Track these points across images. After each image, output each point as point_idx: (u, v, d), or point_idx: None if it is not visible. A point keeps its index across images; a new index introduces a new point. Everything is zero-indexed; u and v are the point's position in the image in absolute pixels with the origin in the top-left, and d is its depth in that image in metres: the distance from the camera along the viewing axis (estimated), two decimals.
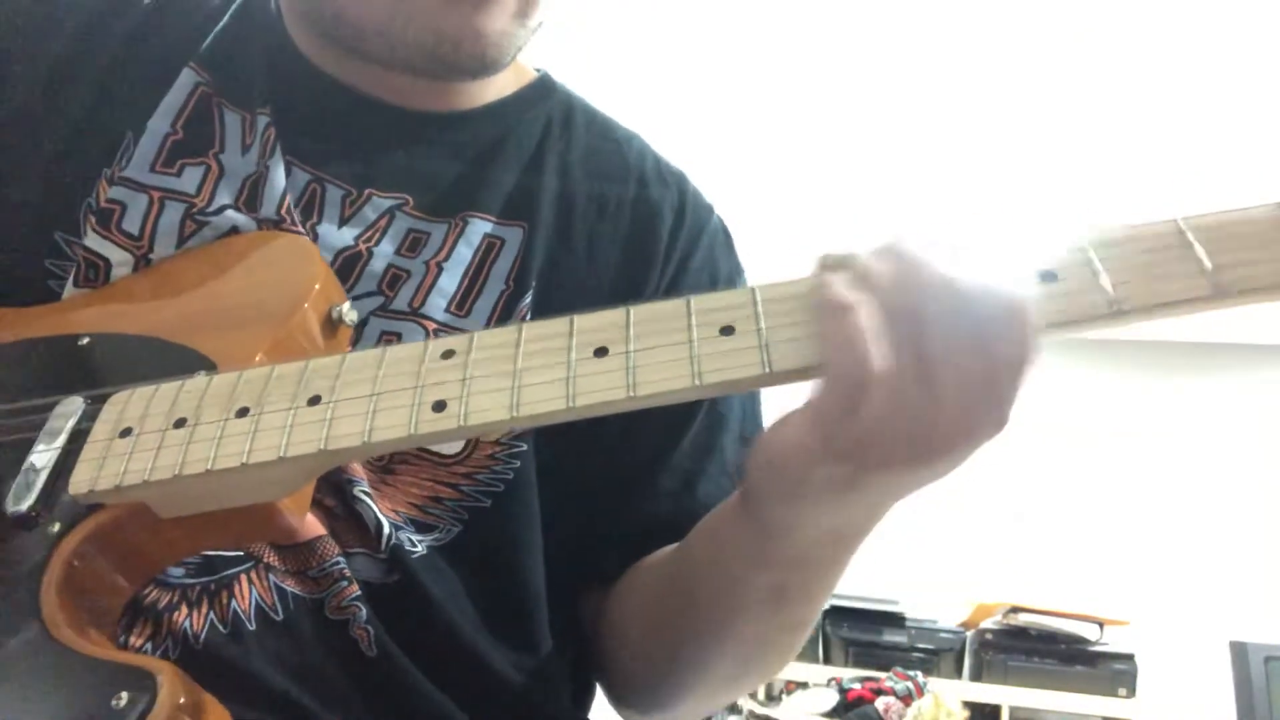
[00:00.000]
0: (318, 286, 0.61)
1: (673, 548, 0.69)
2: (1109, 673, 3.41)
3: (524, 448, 0.69)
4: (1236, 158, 3.10)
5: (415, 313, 0.68)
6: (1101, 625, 3.49)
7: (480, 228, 0.72)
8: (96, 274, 0.66)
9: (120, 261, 0.66)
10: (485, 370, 0.49)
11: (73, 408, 0.56)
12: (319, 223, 0.69)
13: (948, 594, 3.73)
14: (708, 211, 0.83)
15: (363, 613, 0.62)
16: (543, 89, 0.81)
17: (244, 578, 0.61)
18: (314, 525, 0.62)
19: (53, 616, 0.49)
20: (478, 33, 0.68)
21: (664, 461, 0.74)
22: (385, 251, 0.69)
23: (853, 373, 0.43)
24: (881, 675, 3.27)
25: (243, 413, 0.51)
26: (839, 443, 0.45)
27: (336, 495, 0.64)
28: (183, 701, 0.45)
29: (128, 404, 0.54)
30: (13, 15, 0.73)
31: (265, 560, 0.61)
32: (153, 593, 0.58)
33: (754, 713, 3.17)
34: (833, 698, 3.20)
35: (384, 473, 0.67)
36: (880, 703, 3.11)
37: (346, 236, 0.69)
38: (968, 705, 3.25)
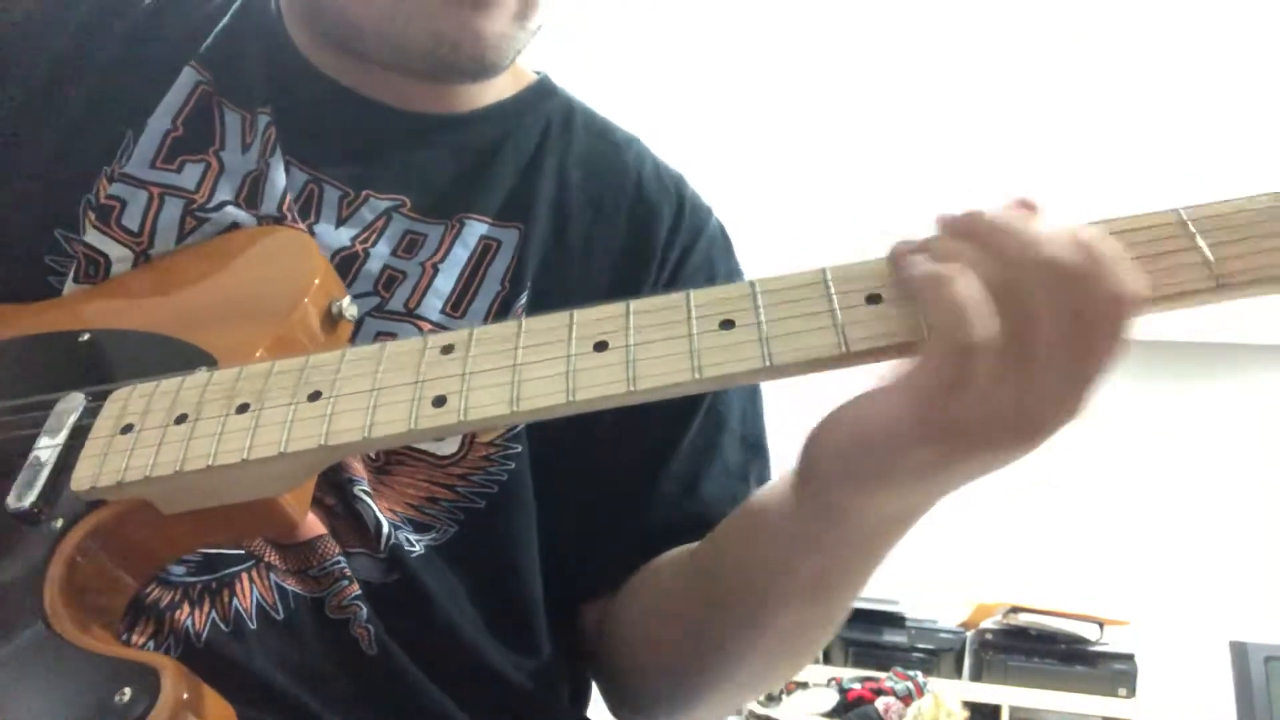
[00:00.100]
0: (317, 281, 0.61)
1: (695, 543, 0.68)
2: (1109, 673, 3.41)
3: (519, 449, 0.69)
4: (1237, 158, 3.10)
5: (411, 313, 0.68)
6: (1101, 625, 3.49)
7: (477, 229, 0.72)
8: (96, 270, 0.66)
9: (120, 258, 0.66)
10: (485, 365, 0.49)
11: (74, 404, 0.56)
12: (316, 223, 0.69)
13: (948, 594, 3.73)
14: (706, 213, 0.83)
15: (363, 612, 0.62)
16: (542, 92, 0.81)
17: (245, 576, 0.61)
18: (314, 524, 0.62)
19: (55, 613, 0.48)
20: (477, 35, 0.68)
21: (663, 465, 0.74)
22: (382, 252, 0.69)
23: (960, 341, 0.42)
24: (881, 675, 3.27)
25: (243, 409, 0.51)
26: (939, 422, 0.43)
27: (337, 494, 0.64)
28: (186, 697, 0.44)
29: (129, 400, 0.54)
30: (14, 14, 0.73)
31: (266, 559, 0.61)
32: (154, 591, 0.58)
33: (754, 713, 3.17)
34: (833, 698, 3.20)
35: (381, 473, 0.66)
36: (880, 703, 3.11)
37: (343, 237, 0.69)
38: (968, 705, 3.25)
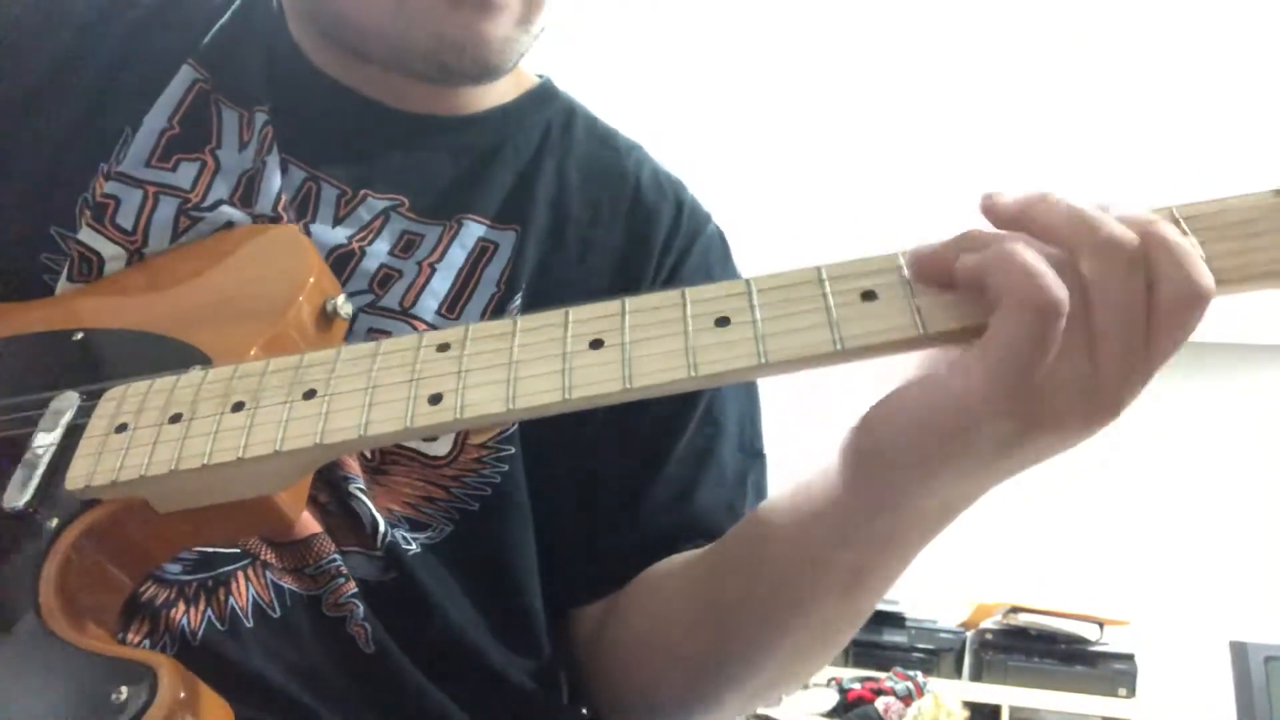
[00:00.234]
0: (312, 280, 0.61)
1: (700, 549, 0.68)
2: (1109, 673, 3.42)
3: (512, 451, 0.69)
4: (1238, 158, 3.10)
5: (405, 312, 0.68)
6: (1101, 625, 3.49)
7: (474, 230, 0.72)
8: (90, 269, 0.66)
9: (113, 256, 0.66)
10: (480, 363, 0.48)
11: (68, 403, 0.56)
12: (313, 221, 0.69)
13: (948, 594, 3.72)
14: (704, 219, 0.83)
15: (360, 609, 0.62)
16: (544, 95, 0.81)
17: (241, 575, 0.61)
18: (310, 522, 0.62)
19: (51, 612, 0.48)
20: (481, 38, 0.68)
21: (658, 471, 0.73)
22: (379, 251, 0.69)
23: (1039, 301, 0.42)
24: (881, 675, 3.27)
25: (238, 407, 0.51)
26: (1021, 391, 0.43)
27: (332, 492, 0.64)
28: (183, 696, 0.44)
29: (123, 399, 0.54)
30: (15, 11, 0.73)
31: (262, 557, 0.61)
32: (150, 589, 0.58)
33: (754, 713, 3.17)
34: (833, 698, 3.20)
35: (376, 473, 0.66)
36: (880, 703, 3.11)
37: (340, 235, 0.69)
38: (968, 705, 3.25)
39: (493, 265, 0.72)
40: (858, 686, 3.21)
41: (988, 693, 3.42)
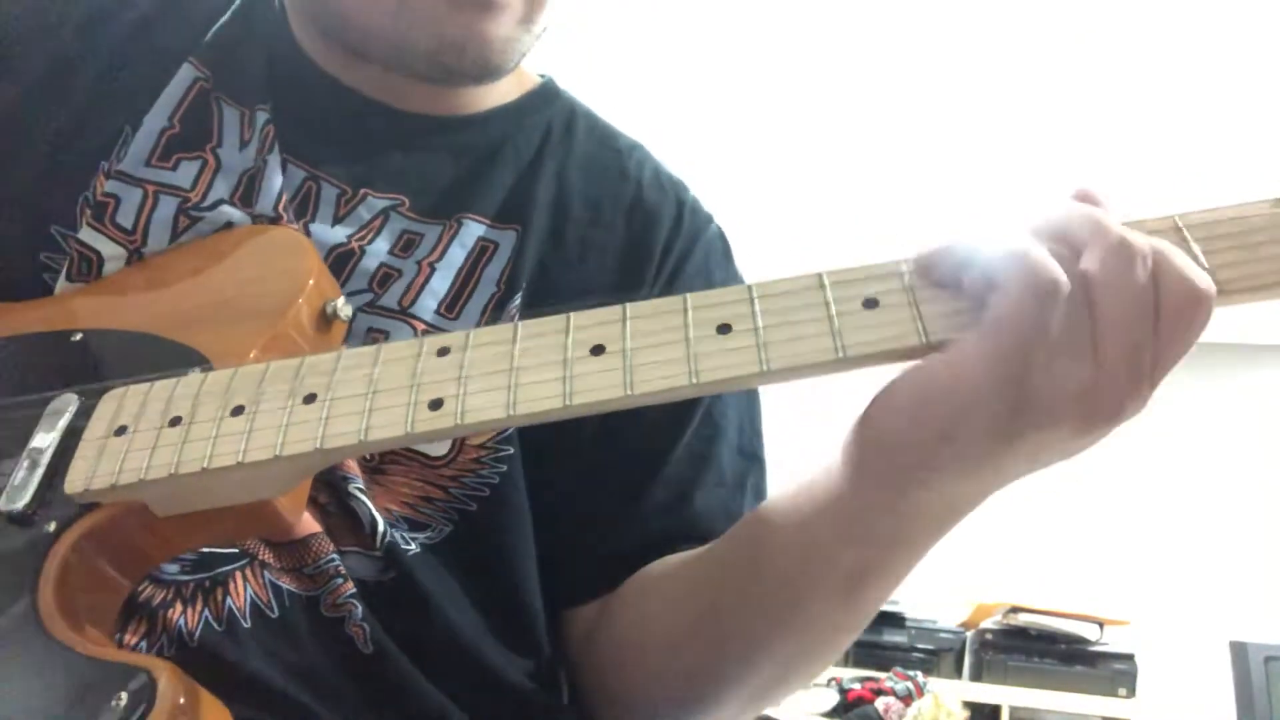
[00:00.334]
0: (312, 282, 0.61)
1: (700, 549, 0.68)
2: (1109, 673, 3.42)
3: (510, 451, 0.69)
4: (1238, 159, 3.10)
5: (404, 311, 0.68)
6: (1101, 625, 3.49)
7: (474, 230, 0.72)
8: (89, 268, 0.66)
9: (112, 255, 0.66)
10: (481, 368, 0.48)
11: (66, 404, 0.55)
12: (312, 220, 0.69)
13: (948, 594, 3.72)
14: (706, 220, 0.82)
15: (358, 609, 0.62)
16: (545, 95, 0.81)
17: (239, 575, 0.60)
18: (309, 522, 0.62)
19: (49, 615, 0.48)
20: (482, 38, 0.67)
21: (656, 472, 0.73)
22: (379, 250, 0.69)
23: (1036, 281, 0.42)
24: (881, 675, 3.27)
25: (238, 411, 0.51)
26: (1013, 375, 0.43)
27: (331, 492, 0.64)
28: (182, 701, 0.44)
29: (122, 401, 0.54)
30: (15, 10, 0.73)
31: (260, 557, 0.61)
32: (147, 589, 0.58)
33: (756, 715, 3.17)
34: (833, 698, 3.20)
35: (375, 473, 0.66)
36: (880, 703, 3.11)
37: (340, 234, 0.69)
38: (968, 705, 3.25)
39: (493, 265, 0.71)
40: (858, 686, 3.21)
41: (988, 693, 3.42)
